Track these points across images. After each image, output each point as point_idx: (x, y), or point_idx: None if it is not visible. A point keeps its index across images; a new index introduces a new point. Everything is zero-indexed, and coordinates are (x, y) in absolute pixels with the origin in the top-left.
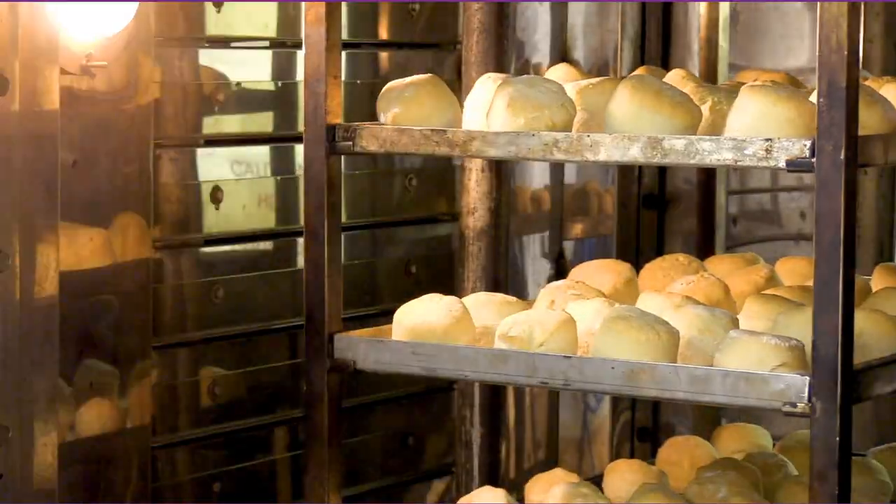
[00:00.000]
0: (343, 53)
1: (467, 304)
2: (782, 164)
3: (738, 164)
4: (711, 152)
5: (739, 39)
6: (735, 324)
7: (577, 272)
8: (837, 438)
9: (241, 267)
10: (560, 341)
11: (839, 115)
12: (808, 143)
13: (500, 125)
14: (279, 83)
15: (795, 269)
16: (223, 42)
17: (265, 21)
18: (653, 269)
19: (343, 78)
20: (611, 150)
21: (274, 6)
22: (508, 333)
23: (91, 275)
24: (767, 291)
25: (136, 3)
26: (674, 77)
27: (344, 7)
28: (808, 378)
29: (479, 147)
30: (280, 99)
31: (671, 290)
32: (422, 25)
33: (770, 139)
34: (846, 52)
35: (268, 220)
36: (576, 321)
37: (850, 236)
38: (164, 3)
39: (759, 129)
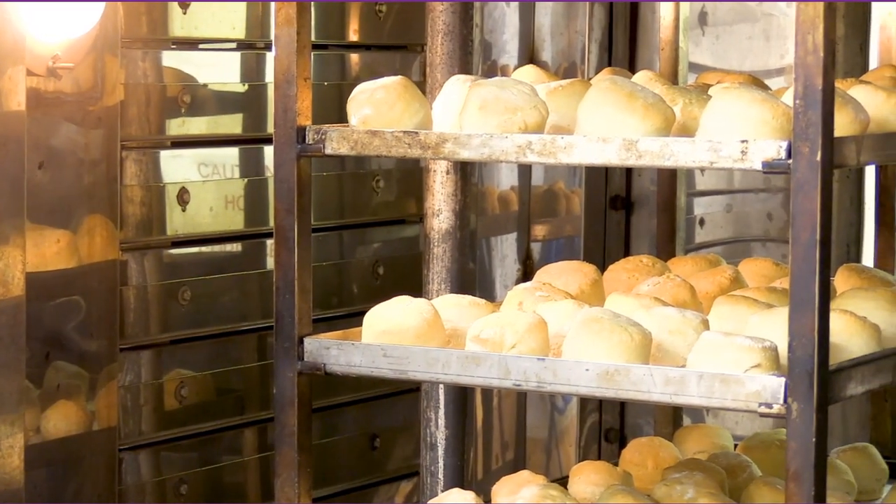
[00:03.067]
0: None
1: (436, 306)
2: (758, 165)
3: (714, 165)
4: (687, 154)
5: (706, 41)
6: (705, 325)
7: (542, 274)
8: (814, 439)
9: (209, 269)
10: (532, 343)
11: (816, 116)
12: (784, 145)
13: (472, 127)
14: (247, 85)
15: (758, 271)
16: (190, 43)
17: (232, 22)
18: (617, 270)
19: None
20: (585, 151)
21: (241, 7)
22: (480, 335)
23: (58, 276)
24: (735, 293)
25: (103, 4)
26: (641, 78)
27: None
28: (783, 379)
29: (451, 149)
30: (248, 101)
31: (638, 291)
32: (389, 27)
33: (746, 140)
34: (822, 54)
35: (235, 221)
36: (547, 323)
37: (826, 238)
38: (130, 3)
39: (733, 131)
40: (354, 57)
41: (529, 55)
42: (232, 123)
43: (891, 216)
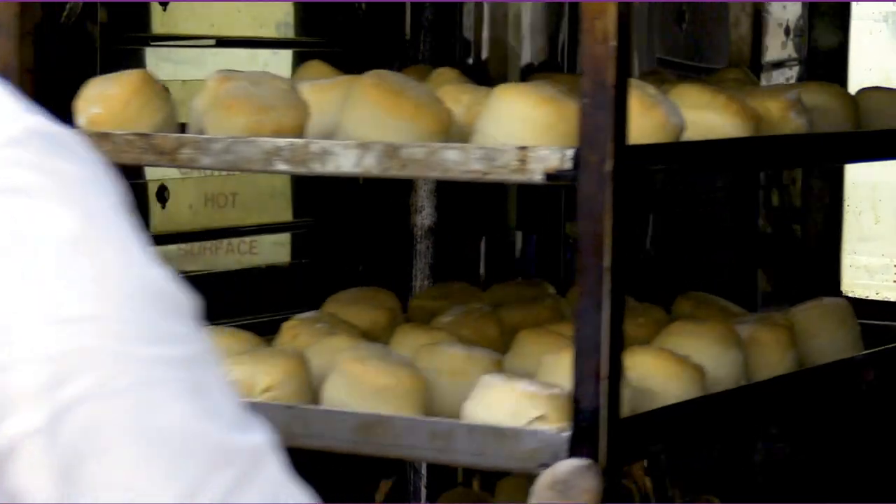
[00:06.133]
0: (289, 52)
1: None
2: (539, 176)
3: (488, 177)
4: (458, 163)
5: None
6: (496, 365)
7: (331, 302)
8: None
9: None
10: (288, 388)
11: (605, 118)
12: (571, 153)
13: (216, 129)
14: None
15: None
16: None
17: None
18: (424, 299)
19: (289, 76)
20: (342, 159)
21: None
22: (228, 378)
23: None
24: (549, 327)
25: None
26: (439, 77)
27: (290, 5)
28: (567, 434)
29: (190, 155)
30: None
31: (437, 324)
32: (368, 24)
33: (525, 148)
34: (614, 43)
35: (215, 219)
36: (309, 363)
37: (619, 264)
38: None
39: (513, 136)
40: (334, 54)
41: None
42: None
43: None
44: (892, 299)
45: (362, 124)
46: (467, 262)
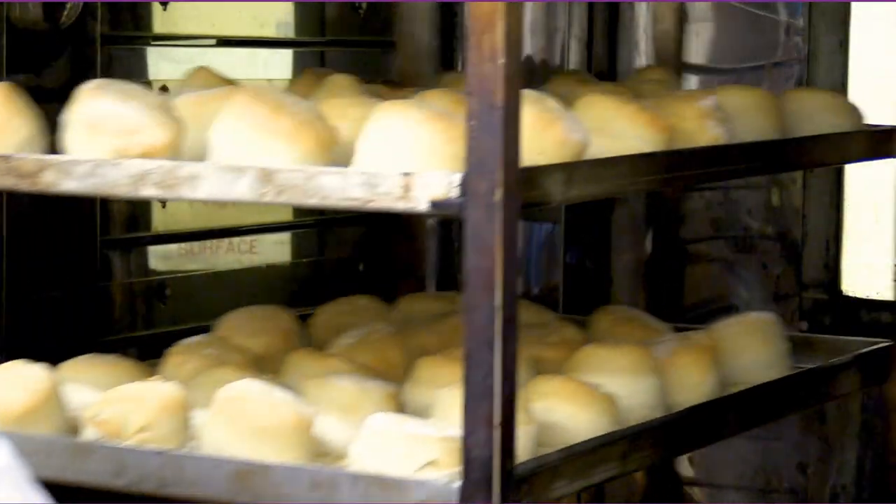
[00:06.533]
0: (289, 52)
1: (65, 370)
2: (424, 205)
3: (370, 205)
4: (337, 189)
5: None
6: (391, 399)
7: (224, 324)
8: None
9: (190, 265)
10: (164, 428)
11: (494, 142)
12: (457, 179)
13: (80, 150)
14: None
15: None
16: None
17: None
18: (326, 315)
19: (290, 76)
20: (213, 184)
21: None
22: (97, 417)
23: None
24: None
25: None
26: (332, 85)
27: (290, 5)
28: (457, 485)
29: (52, 178)
30: None
31: (336, 347)
32: (368, 23)
33: (409, 174)
34: (503, 61)
35: (214, 219)
36: (191, 398)
37: (511, 301)
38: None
39: (397, 160)
40: (333, 54)
41: None
42: None
43: None
44: (892, 299)
45: (236, 145)
46: None
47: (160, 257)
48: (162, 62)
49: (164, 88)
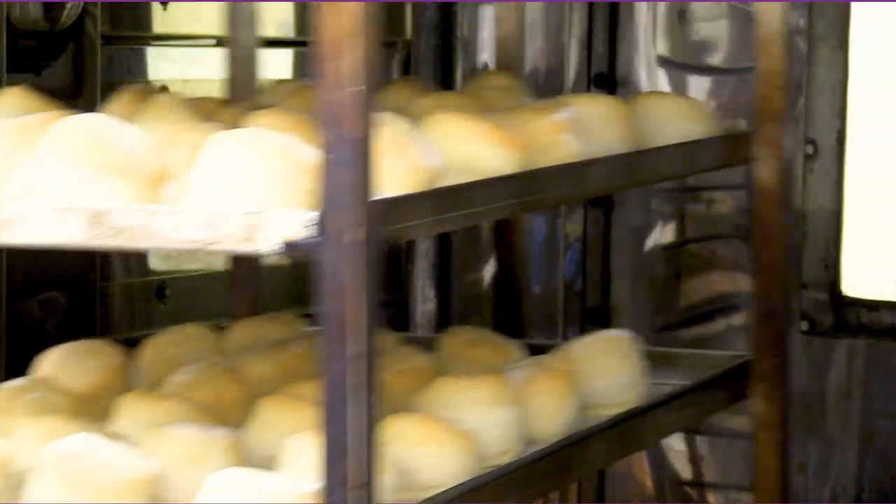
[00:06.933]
0: (289, 52)
1: None
2: (275, 247)
3: (213, 246)
4: (175, 230)
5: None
6: (235, 448)
7: (46, 363)
8: None
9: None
10: None
11: (352, 175)
12: (313, 217)
13: None
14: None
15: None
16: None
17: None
18: (157, 348)
19: (290, 76)
20: (39, 228)
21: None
22: None
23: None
24: (298, 387)
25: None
26: (158, 106)
27: (290, 5)
28: None
29: None
30: None
31: (169, 385)
32: None
33: (258, 212)
34: (354, 89)
35: None
36: (14, 453)
37: (372, 349)
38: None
39: (244, 195)
40: None
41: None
42: None
43: None
44: (892, 299)
45: (61, 183)
46: None
47: (160, 257)
48: (162, 62)
49: (164, 88)
